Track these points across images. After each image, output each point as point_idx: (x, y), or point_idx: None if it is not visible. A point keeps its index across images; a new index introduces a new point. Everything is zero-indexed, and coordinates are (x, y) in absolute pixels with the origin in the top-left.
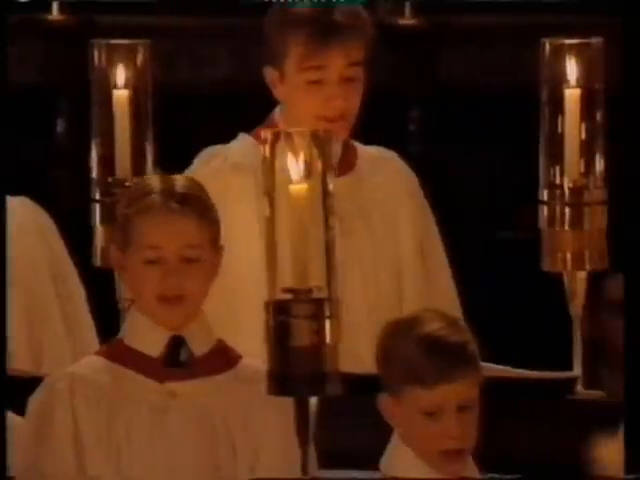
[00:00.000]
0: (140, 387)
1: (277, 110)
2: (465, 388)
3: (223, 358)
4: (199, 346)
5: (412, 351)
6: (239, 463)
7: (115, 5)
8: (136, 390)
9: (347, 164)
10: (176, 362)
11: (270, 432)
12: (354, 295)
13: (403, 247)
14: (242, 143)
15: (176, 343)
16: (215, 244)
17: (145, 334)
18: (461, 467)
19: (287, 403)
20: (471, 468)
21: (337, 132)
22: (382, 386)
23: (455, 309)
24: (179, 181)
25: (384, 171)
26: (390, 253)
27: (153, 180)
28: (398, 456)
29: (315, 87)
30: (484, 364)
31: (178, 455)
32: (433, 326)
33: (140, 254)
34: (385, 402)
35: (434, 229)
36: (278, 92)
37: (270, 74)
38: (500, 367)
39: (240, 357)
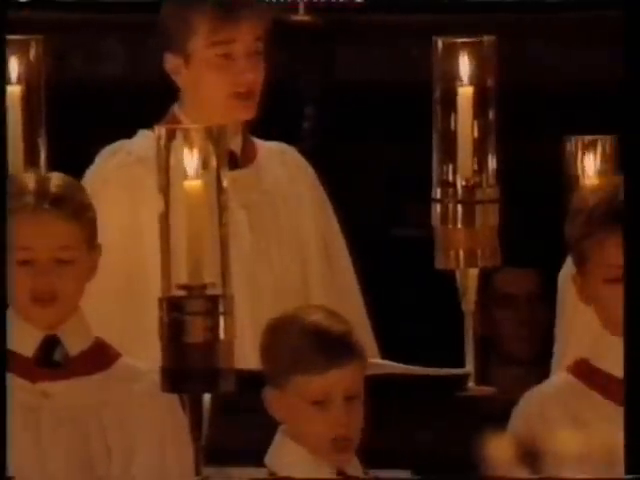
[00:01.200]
0: (13, 387)
1: (176, 104)
2: (351, 376)
3: (100, 357)
4: (74, 345)
5: (298, 341)
6: (114, 463)
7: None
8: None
9: (248, 157)
10: (49, 362)
11: (146, 431)
12: (263, 288)
13: (307, 240)
14: (144, 138)
15: (50, 343)
16: (91, 243)
17: (18, 334)
18: (347, 459)
19: (164, 402)
20: (355, 464)
21: (245, 110)
22: (267, 381)
23: (359, 308)
24: (53, 180)
25: (284, 164)
26: (295, 246)
27: (28, 179)
28: (283, 452)
29: (225, 62)
30: (377, 361)
31: (51, 455)
32: (315, 317)
33: (12, 254)
34: (271, 396)
35: (336, 225)
36: (182, 79)
37: (172, 61)
38: (393, 364)
39: (119, 355)
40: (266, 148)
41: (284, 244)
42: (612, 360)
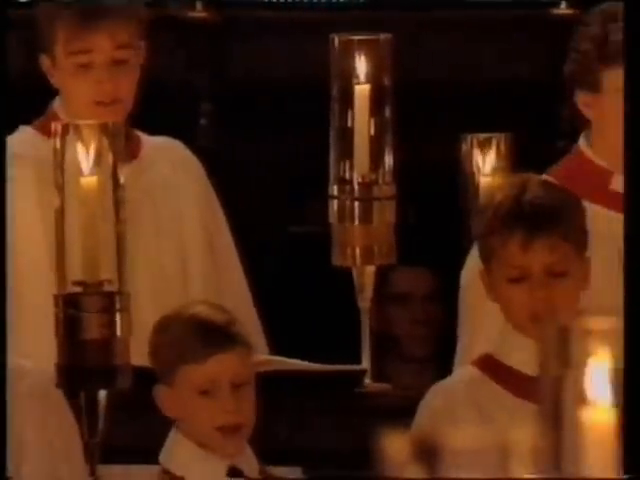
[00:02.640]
0: None
1: (56, 99)
2: (236, 363)
3: None
4: None
5: (180, 333)
6: (7, 461)
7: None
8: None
9: (131, 152)
10: None
11: (33, 432)
12: (140, 284)
13: (190, 236)
14: (21, 134)
15: None
16: None
17: None
18: (238, 447)
19: (49, 401)
20: (249, 457)
21: (112, 117)
22: (158, 378)
23: (247, 303)
24: None
25: (169, 159)
26: (176, 240)
27: None
28: (176, 449)
29: (84, 71)
30: (274, 357)
31: None
32: (197, 309)
33: None
34: (161, 392)
35: (223, 221)
36: (53, 79)
37: (44, 62)
38: (290, 360)
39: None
40: (152, 143)
41: (165, 240)
42: (516, 356)
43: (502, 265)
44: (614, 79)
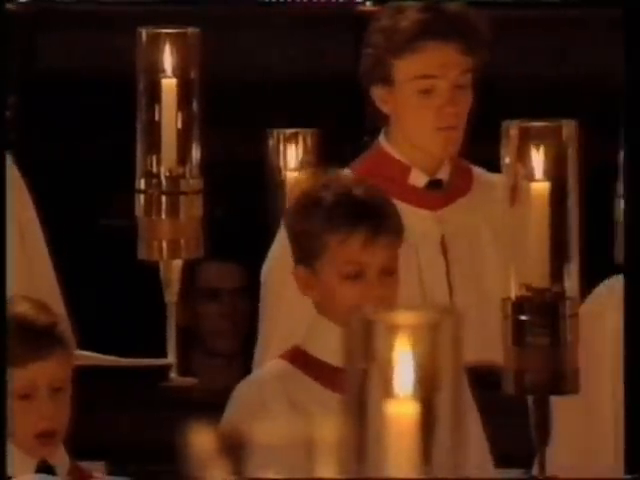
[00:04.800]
0: None
1: None
2: (56, 368)
3: None
4: None
5: None
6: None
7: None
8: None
9: None
10: None
11: None
12: None
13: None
14: None
15: None
16: None
17: None
18: (53, 451)
19: None
20: (61, 454)
21: None
22: None
23: (56, 296)
24: None
25: None
26: None
27: None
28: None
29: None
30: (81, 352)
31: None
32: (20, 308)
33: None
34: None
35: (33, 211)
36: None
37: None
38: (96, 355)
39: None
40: None
41: None
42: (323, 347)
43: (336, 262)
44: (404, 70)
